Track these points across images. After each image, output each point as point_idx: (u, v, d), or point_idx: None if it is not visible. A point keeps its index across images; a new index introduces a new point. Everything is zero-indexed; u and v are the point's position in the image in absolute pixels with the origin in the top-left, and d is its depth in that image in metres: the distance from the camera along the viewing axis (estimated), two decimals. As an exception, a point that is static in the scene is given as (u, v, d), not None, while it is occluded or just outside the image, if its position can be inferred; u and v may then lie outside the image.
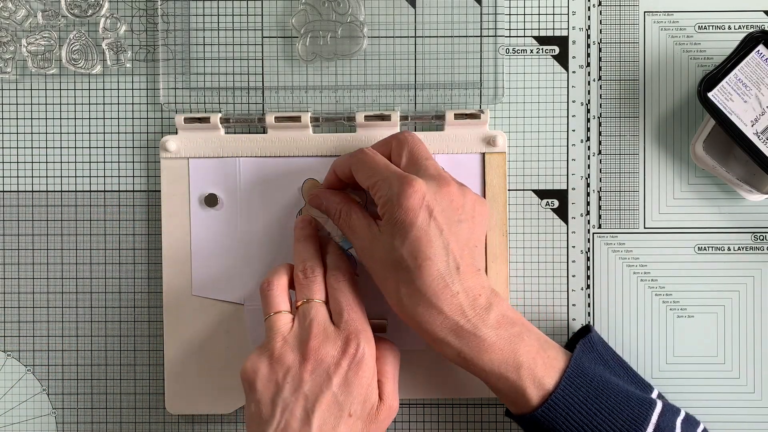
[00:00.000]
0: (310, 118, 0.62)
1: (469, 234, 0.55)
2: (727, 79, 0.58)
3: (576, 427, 0.53)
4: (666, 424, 0.54)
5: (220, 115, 0.62)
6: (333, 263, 0.58)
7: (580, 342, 0.57)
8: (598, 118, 0.62)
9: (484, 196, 0.61)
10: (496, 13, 0.62)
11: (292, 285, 0.57)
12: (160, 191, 0.62)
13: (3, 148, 0.63)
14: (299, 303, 0.56)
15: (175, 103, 0.63)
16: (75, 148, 0.63)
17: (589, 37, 0.62)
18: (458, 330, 0.53)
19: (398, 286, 0.54)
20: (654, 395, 0.57)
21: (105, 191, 0.63)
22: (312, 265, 0.57)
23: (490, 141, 0.61)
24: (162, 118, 0.63)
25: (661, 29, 0.62)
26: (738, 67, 0.58)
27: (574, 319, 0.62)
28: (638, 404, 0.54)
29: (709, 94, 0.58)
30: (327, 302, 0.56)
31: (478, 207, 0.56)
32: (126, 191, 0.63)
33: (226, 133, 0.62)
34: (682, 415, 0.56)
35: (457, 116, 0.61)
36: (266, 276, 0.57)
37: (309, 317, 0.55)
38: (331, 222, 0.61)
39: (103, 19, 0.62)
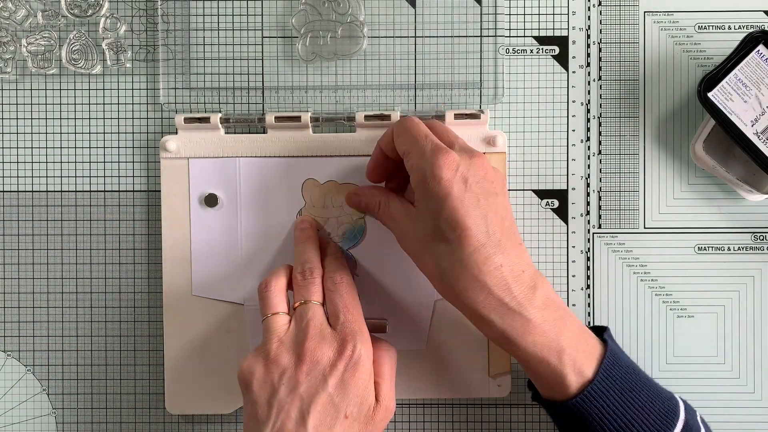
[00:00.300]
0: (310, 118, 0.62)
1: (504, 208, 0.54)
2: (727, 79, 0.58)
3: (609, 419, 0.53)
4: (693, 421, 0.54)
5: (220, 115, 0.62)
6: (332, 265, 0.57)
7: (608, 334, 0.57)
8: (598, 118, 0.62)
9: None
10: (496, 13, 0.62)
11: (291, 286, 0.57)
12: (160, 191, 0.62)
13: (3, 148, 0.63)
14: (296, 304, 0.56)
15: (175, 103, 0.63)
16: (75, 148, 0.63)
17: (589, 37, 0.62)
18: (503, 308, 0.52)
19: (438, 261, 0.53)
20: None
21: (105, 191, 0.63)
22: (311, 267, 0.57)
23: (490, 141, 0.61)
24: (162, 118, 0.63)
25: (661, 29, 0.62)
26: (738, 67, 0.58)
27: (574, 319, 0.62)
28: (668, 399, 0.54)
29: (709, 94, 0.58)
30: (325, 304, 0.56)
31: (504, 184, 0.56)
32: (126, 191, 0.63)
33: (226, 133, 0.62)
34: (699, 413, 0.56)
35: (457, 116, 0.61)
36: (265, 277, 0.57)
37: (306, 318, 0.54)
38: (331, 221, 0.61)
39: (103, 19, 0.62)
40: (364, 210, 0.60)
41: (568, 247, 0.63)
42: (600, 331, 0.57)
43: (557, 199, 0.63)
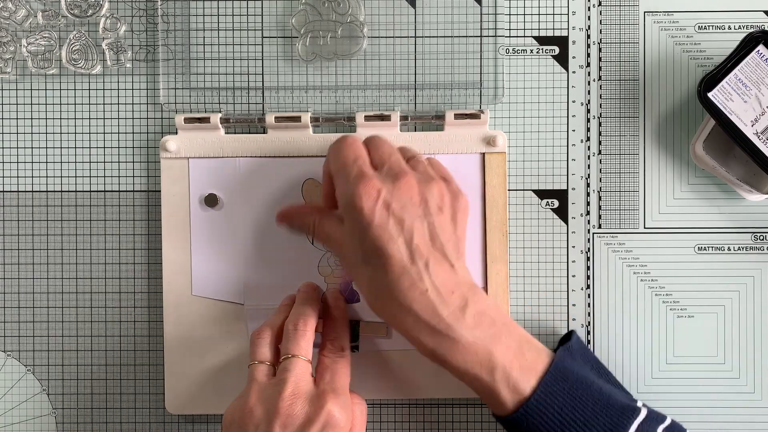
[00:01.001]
0: (310, 118, 0.62)
1: (438, 229, 0.53)
2: (727, 79, 0.58)
3: None
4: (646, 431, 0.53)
5: (220, 115, 0.62)
6: (338, 331, 0.57)
7: (567, 345, 0.56)
8: (598, 118, 0.62)
9: (484, 197, 0.61)
10: (496, 13, 0.62)
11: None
12: (160, 191, 0.62)
13: (3, 148, 0.63)
14: (282, 357, 0.55)
15: (175, 103, 0.63)
16: (75, 148, 0.63)
17: (589, 37, 0.62)
18: (430, 330, 0.52)
19: (369, 284, 0.53)
20: (638, 405, 0.55)
21: (105, 191, 0.63)
22: (305, 320, 0.56)
23: (490, 141, 0.61)
24: (162, 118, 0.63)
25: (661, 29, 0.62)
26: (738, 67, 0.58)
27: (574, 319, 0.62)
28: (619, 411, 0.53)
29: (709, 94, 0.58)
30: (311, 361, 0.55)
31: (449, 200, 0.55)
32: (126, 191, 0.63)
33: (226, 133, 0.62)
34: (667, 422, 0.54)
35: (457, 116, 0.61)
36: (262, 324, 0.57)
37: (287, 372, 0.54)
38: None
39: (103, 19, 0.62)
40: (297, 231, 0.60)
41: (568, 247, 0.63)
42: (566, 339, 0.57)
43: (557, 199, 0.63)
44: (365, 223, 0.52)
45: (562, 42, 0.62)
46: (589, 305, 0.63)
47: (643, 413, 0.53)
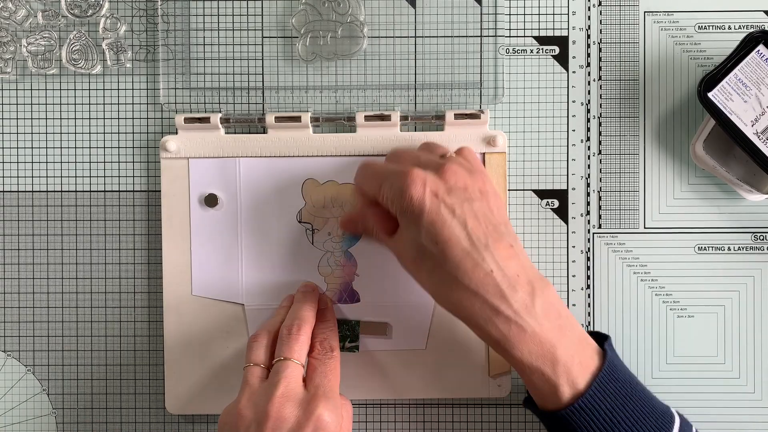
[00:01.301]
0: (310, 118, 0.62)
1: (486, 211, 0.53)
2: (727, 79, 0.58)
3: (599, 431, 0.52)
4: None
5: (220, 115, 0.62)
6: (328, 332, 0.58)
7: (608, 344, 0.56)
8: (598, 118, 0.62)
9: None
10: (496, 13, 0.62)
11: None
12: (160, 191, 0.62)
13: (3, 148, 0.63)
14: (275, 360, 0.55)
15: (175, 103, 0.63)
16: (75, 148, 0.63)
17: (589, 37, 0.62)
18: (499, 317, 0.51)
19: (430, 277, 0.53)
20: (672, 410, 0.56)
21: (105, 191, 0.63)
22: (299, 324, 0.56)
23: (490, 141, 0.61)
24: (162, 118, 0.63)
25: (661, 29, 0.62)
26: (738, 67, 0.58)
27: (574, 319, 0.62)
28: (661, 416, 0.53)
29: (709, 94, 0.58)
30: (305, 365, 0.56)
31: (487, 185, 0.55)
32: (126, 191, 0.63)
33: (226, 133, 0.62)
34: (695, 428, 0.55)
35: (457, 116, 0.61)
36: (260, 327, 0.57)
37: (279, 376, 0.54)
38: (331, 221, 0.61)
39: (103, 19, 0.62)
40: (360, 233, 0.60)
41: (568, 247, 0.62)
42: (602, 338, 0.56)
43: (557, 199, 0.63)
44: (417, 212, 0.52)
45: (562, 42, 0.62)
46: (589, 305, 0.63)
47: (678, 420, 0.54)
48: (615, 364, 0.54)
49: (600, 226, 0.62)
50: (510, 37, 0.62)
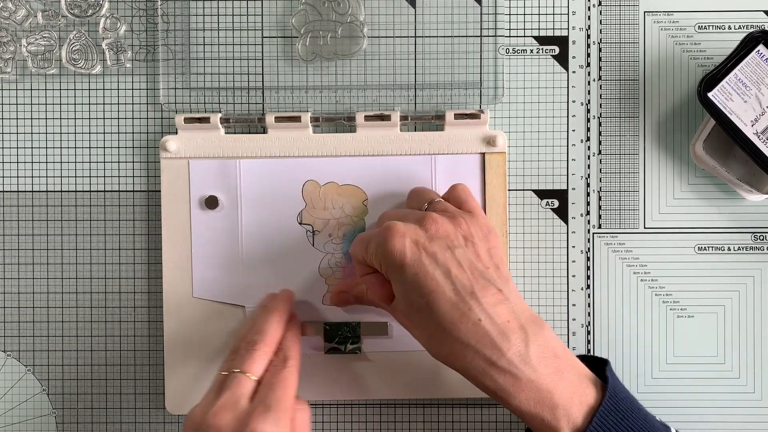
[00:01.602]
0: (310, 118, 0.62)
1: (471, 257, 0.53)
2: (727, 79, 0.58)
3: None
4: None
5: (220, 115, 0.62)
6: (290, 343, 0.56)
7: (609, 371, 0.54)
8: (598, 118, 0.62)
9: (484, 197, 0.61)
10: (496, 13, 0.62)
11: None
12: (160, 191, 0.62)
13: (3, 148, 0.63)
14: (225, 372, 0.54)
15: (175, 103, 0.63)
16: (75, 148, 0.63)
17: (589, 37, 0.62)
18: (492, 367, 0.50)
19: (422, 331, 0.52)
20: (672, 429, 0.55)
21: (105, 191, 0.63)
22: (256, 339, 0.55)
23: (490, 141, 0.61)
24: (162, 118, 0.63)
25: (661, 29, 0.62)
26: (738, 67, 0.58)
27: (574, 319, 0.62)
28: None
29: (709, 94, 0.58)
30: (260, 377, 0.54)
31: (474, 230, 0.54)
32: (126, 191, 0.63)
33: (226, 133, 0.62)
34: None
35: (457, 116, 0.61)
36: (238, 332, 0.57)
37: (226, 388, 0.52)
38: (331, 223, 0.61)
39: (103, 19, 0.62)
40: (354, 303, 0.60)
41: (568, 247, 0.63)
42: (602, 363, 0.55)
43: (557, 199, 0.63)
44: (399, 264, 0.52)
45: (562, 42, 0.62)
46: (589, 305, 0.63)
47: None
48: (616, 394, 0.52)
49: (600, 226, 0.62)
50: (510, 37, 0.62)
